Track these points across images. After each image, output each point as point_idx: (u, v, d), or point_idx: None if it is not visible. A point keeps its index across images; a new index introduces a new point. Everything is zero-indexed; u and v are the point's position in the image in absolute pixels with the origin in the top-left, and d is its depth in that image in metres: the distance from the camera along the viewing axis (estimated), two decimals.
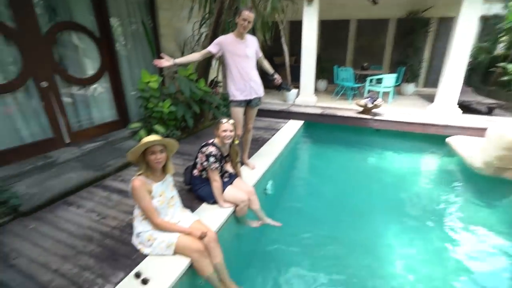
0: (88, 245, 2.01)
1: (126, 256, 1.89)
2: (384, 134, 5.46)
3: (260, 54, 3.09)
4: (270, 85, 3.29)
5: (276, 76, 3.19)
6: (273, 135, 4.69)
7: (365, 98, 5.43)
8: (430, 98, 6.50)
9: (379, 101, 5.32)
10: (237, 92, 2.94)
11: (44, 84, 3.23)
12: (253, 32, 4.03)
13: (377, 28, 8.16)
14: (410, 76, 7.65)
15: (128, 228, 2.18)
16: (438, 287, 2.25)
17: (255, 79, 2.98)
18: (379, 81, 6.27)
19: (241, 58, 2.84)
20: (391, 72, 7.04)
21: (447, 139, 4.75)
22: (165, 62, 2.69)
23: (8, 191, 2.41)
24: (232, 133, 2.42)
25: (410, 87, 7.75)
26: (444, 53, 5.61)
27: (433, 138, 5.03)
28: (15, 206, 2.35)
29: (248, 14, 2.65)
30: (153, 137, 1.82)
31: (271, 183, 3.37)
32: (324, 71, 8.07)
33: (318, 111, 5.81)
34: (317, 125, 5.77)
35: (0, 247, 1.99)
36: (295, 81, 6.80)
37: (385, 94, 6.53)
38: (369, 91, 6.26)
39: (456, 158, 4.36)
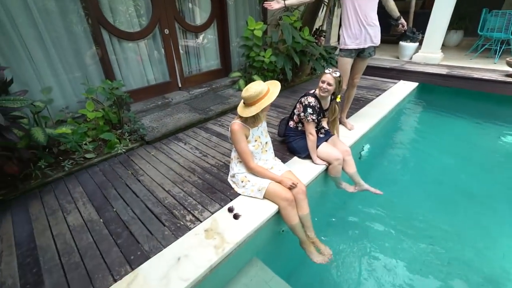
0: (192, 176, 2.30)
1: (221, 191, 2.07)
2: None
3: None
4: (386, 36, 2.69)
5: (402, 20, 2.61)
6: (378, 96, 4.06)
7: None
8: None
9: None
10: (349, 40, 2.53)
11: (167, 31, 3.61)
12: None
13: None
14: None
15: (224, 168, 2.37)
16: None
17: (373, 23, 2.48)
18: None
19: None
20: None
21: None
22: (276, 4, 2.47)
23: (138, 123, 2.96)
24: (331, 88, 2.13)
25: None
26: None
27: None
28: (142, 135, 2.89)
29: None
30: (267, 87, 1.78)
31: (368, 148, 3.00)
32: (463, 17, 6.14)
33: (443, 70, 4.61)
34: (438, 89, 4.64)
35: (132, 164, 2.51)
36: (419, 32, 5.49)
37: None
38: None
39: None
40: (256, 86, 1.75)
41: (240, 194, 2.00)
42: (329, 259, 1.82)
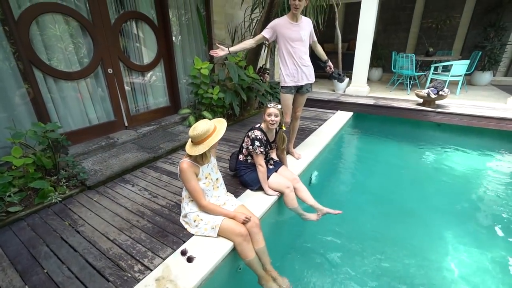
0: (141, 220, 2.15)
1: (173, 234, 1.98)
2: (447, 130, 4.80)
3: (314, 38, 2.94)
4: (322, 73, 3.12)
5: (329, 63, 3.05)
6: (320, 125, 4.47)
7: (428, 88, 4.81)
8: (511, 90, 5.51)
9: (445, 91, 4.67)
10: (288, 78, 2.83)
11: (110, 71, 3.53)
12: (304, 16, 3.84)
13: (450, 5, 7.08)
14: (487, 63, 6.55)
15: (176, 208, 2.29)
16: None
17: (307, 64, 2.84)
18: (446, 69, 5.49)
19: (295, 41, 2.72)
20: (463, 58, 6.12)
21: None
22: (221, 52, 2.69)
23: (78, 166, 2.72)
24: (277, 119, 2.33)
25: (485, 76, 6.65)
26: None
27: (509, 136, 4.25)
28: (83, 180, 2.65)
29: None
30: (213, 126, 1.84)
31: (316, 174, 3.22)
32: (380, 58, 7.40)
33: (371, 101, 5.36)
34: (368, 117, 5.34)
35: (70, 214, 2.25)
36: (347, 70, 6.37)
37: (452, 84, 5.72)
38: (431, 81, 5.55)
39: None
40: (203, 125, 1.80)
41: (193, 235, 1.93)
42: None
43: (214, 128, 1.85)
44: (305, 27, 2.75)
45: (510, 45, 6.68)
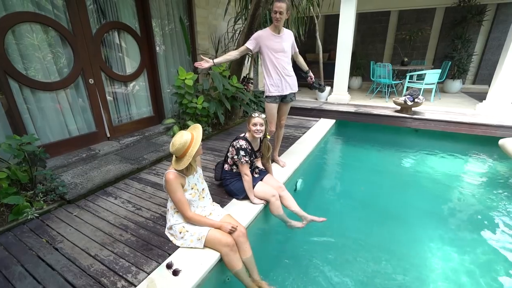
0: (124, 234, 2.09)
1: (158, 246, 1.93)
2: (424, 135, 5.05)
3: (296, 50, 3.05)
4: (304, 82, 3.23)
5: (310, 74, 3.16)
6: (304, 133, 4.57)
7: (404, 96, 5.06)
8: (479, 97, 5.91)
9: (420, 98, 4.92)
10: (272, 88, 2.89)
11: (91, 81, 3.46)
12: (286, 27, 3.98)
13: (421, 19, 7.56)
14: (456, 72, 7.00)
15: (161, 219, 2.24)
16: None
17: (290, 74, 2.93)
18: (420, 77, 5.81)
19: (278, 52, 2.80)
20: (435, 67, 6.50)
21: (500, 141, 4.21)
22: (205, 63, 2.72)
23: (57, 180, 2.62)
24: (262, 128, 2.37)
25: (455, 84, 7.09)
26: (501, 45, 5.02)
27: (481, 140, 4.54)
28: (62, 194, 2.54)
29: (278, 5, 2.58)
30: (196, 141, 1.83)
31: (301, 182, 3.27)
32: (359, 67, 7.72)
33: (352, 109, 5.54)
34: (350, 124, 5.51)
35: (48, 230, 2.15)
36: (328, 78, 6.58)
37: (427, 91, 6.05)
38: (408, 88, 5.84)
39: (510, 162, 3.87)
40: (180, 139, 1.78)
41: (179, 247, 1.90)
42: None
43: (191, 137, 1.83)
44: (287, 39, 2.85)
45: (476, 55, 7.19)
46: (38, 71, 3.01)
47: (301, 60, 3.12)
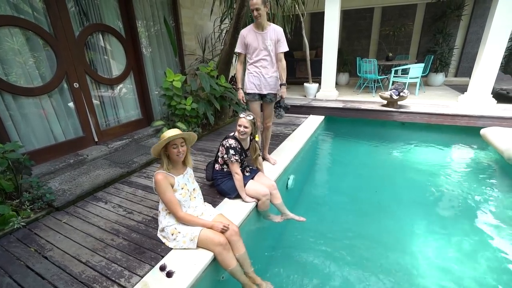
0: (115, 239, 2.07)
1: (151, 249, 1.93)
2: (410, 127, 5.18)
3: (280, 50, 2.79)
4: (293, 79, 3.22)
5: (283, 89, 2.93)
6: (293, 130, 4.60)
7: (390, 90, 5.17)
8: (461, 89, 6.10)
9: (405, 92, 5.04)
10: (250, 85, 2.90)
11: (76, 85, 3.39)
12: None
13: (403, 14, 7.74)
14: (439, 66, 7.19)
15: (153, 222, 2.23)
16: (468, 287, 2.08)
17: (270, 74, 2.87)
18: (404, 72, 5.95)
19: (257, 50, 2.77)
20: (419, 61, 6.66)
21: (482, 131, 4.40)
22: (241, 93, 2.95)
23: (44, 187, 2.56)
24: (247, 129, 2.35)
25: (439, 78, 7.29)
26: (479, 38, 5.19)
27: (463, 131, 4.71)
28: (49, 201, 2.49)
29: (252, 2, 2.53)
30: (173, 131, 1.83)
31: (293, 178, 3.30)
32: (345, 64, 7.83)
33: (340, 105, 5.62)
34: (339, 120, 5.60)
35: (36, 239, 2.11)
36: (316, 75, 6.65)
37: (412, 85, 6.19)
38: (393, 83, 5.98)
39: (491, 151, 4.02)
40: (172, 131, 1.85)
41: (172, 248, 1.90)
42: None
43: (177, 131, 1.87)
44: (271, 36, 2.74)
45: (456, 49, 7.41)
46: (20, 76, 2.93)
47: (283, 65, 2.83)
